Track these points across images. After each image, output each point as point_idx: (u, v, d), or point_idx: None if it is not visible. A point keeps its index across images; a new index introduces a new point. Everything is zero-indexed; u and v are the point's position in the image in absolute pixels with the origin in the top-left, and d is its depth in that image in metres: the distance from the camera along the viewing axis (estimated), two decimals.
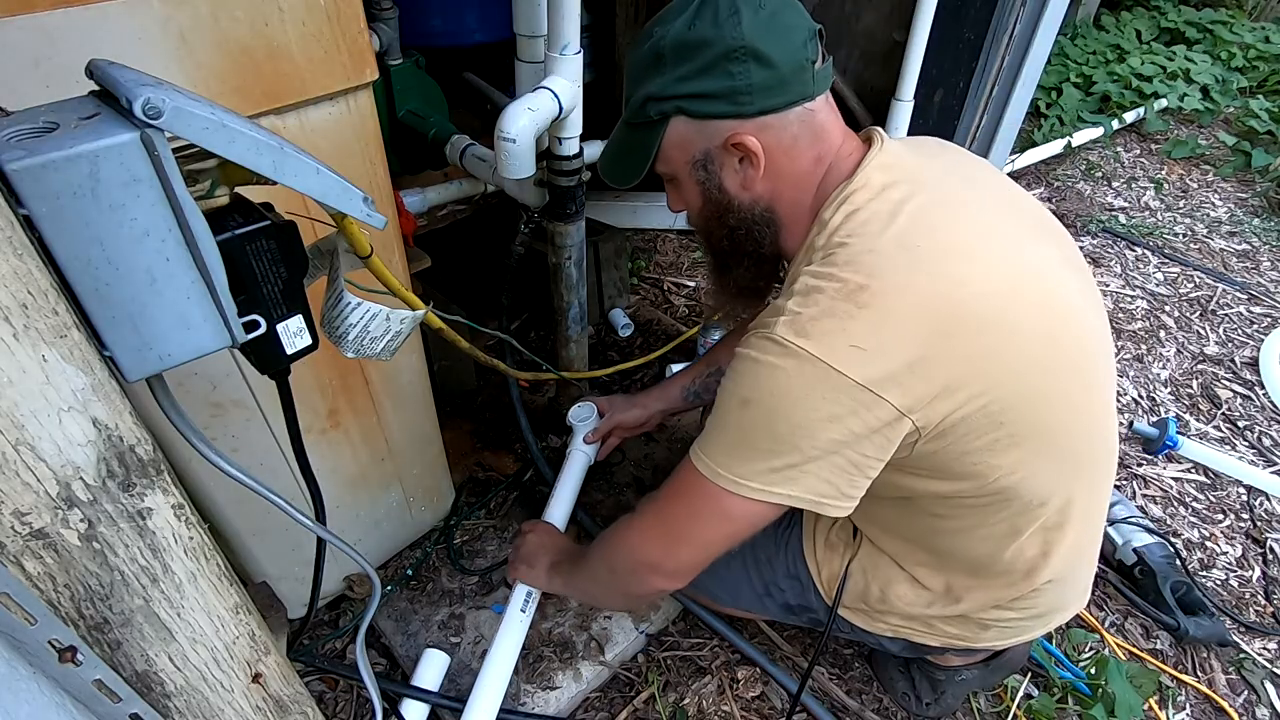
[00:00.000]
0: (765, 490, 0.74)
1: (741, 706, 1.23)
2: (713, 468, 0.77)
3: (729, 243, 0.87)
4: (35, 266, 0.41)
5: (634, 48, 0.81)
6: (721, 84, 0.74)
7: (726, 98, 0.75)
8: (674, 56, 0.76)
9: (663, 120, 0.79)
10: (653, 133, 0.81)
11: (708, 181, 0.83)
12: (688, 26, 0.74)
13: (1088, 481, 0.86)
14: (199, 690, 0.62)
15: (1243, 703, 1.29)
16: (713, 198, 0.84)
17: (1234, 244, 2.51)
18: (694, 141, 0.80)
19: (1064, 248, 0.84)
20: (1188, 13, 3.86)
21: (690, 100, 0.77)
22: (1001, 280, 0.72)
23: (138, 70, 0.47)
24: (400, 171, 1.37)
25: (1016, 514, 0.83)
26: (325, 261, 0.69)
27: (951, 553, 0.91)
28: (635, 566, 0.90)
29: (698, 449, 0.80)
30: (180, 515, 0.54)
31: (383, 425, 1.15)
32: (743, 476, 0.75)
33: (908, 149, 0.83)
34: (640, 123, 0.82)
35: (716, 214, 0.85)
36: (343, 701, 1.22)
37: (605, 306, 1.96)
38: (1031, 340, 0.73)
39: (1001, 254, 0.75)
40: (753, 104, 0.75)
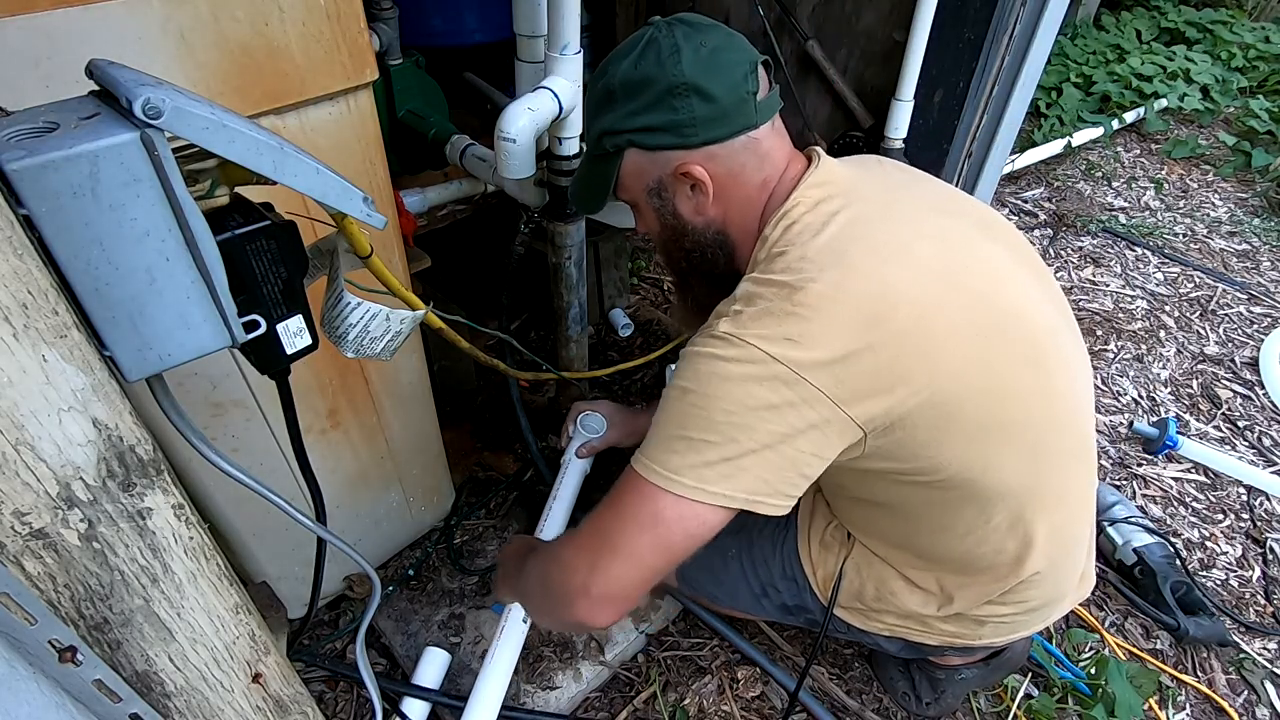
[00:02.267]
0: (700, 488, 0.72)
1: (741, 706, 1.23)
2: (647, 464, 0.75)
3: (686, 264, 0.92)
4: (35, 266, 0.41)
5: (590, 85, 0.87)
6: (666, 118, 0.79)
7: (672, 130, 0.80)
8: (623, 93, 0.81)
9: (618, 152, 0.85)
10: (610, 164, 0.87)
11: (662, 208, 0.88)
12: (634, 66, 0.80)
13: (1059, 468, 0.86)
14: (199, 690, 0.62)
15: (1243, 703, 1.29)
16: (668, 223, 0.89)
17: (1234, 244, 2.51)
18: (647, 171, 0.85)
19: (1012, 246, 0.87)
20: (1188, 13, 3.86)
21: (639, 134, 0.82)
22: (933, 281, 0.75)
23: (138, 70, 0.47)
24: (400, 171, 1.37)
25: (985, 507, 0.84)
26: (325, 261, 0.69)
27: (934, 551, 0.92)
28: (567, 591, 0.80)
29: (640, 452, 0.78)
30: (180, 515, 0.54)
31: (383, 425, 1.15)
32: (676, 471, 0.72)
33: (845, 166, 0.87)
34: (598, 155, 0.87)
35: (673, 237, 0.90)
36: (343, 701, 1.22)
37: (605, 306, 1.96)
38: (970, 338, 0.75)
39: (933, 255, 0.77)
40: (697, 135, 0.80)
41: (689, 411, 0.74)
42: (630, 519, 0.76)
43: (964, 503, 0.83)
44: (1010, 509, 0.84)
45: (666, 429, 0.76)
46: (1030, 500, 0.84)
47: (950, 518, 0.86)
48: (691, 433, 0.73)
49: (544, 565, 0.87)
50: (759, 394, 0.71)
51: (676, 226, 0.89)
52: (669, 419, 0.76)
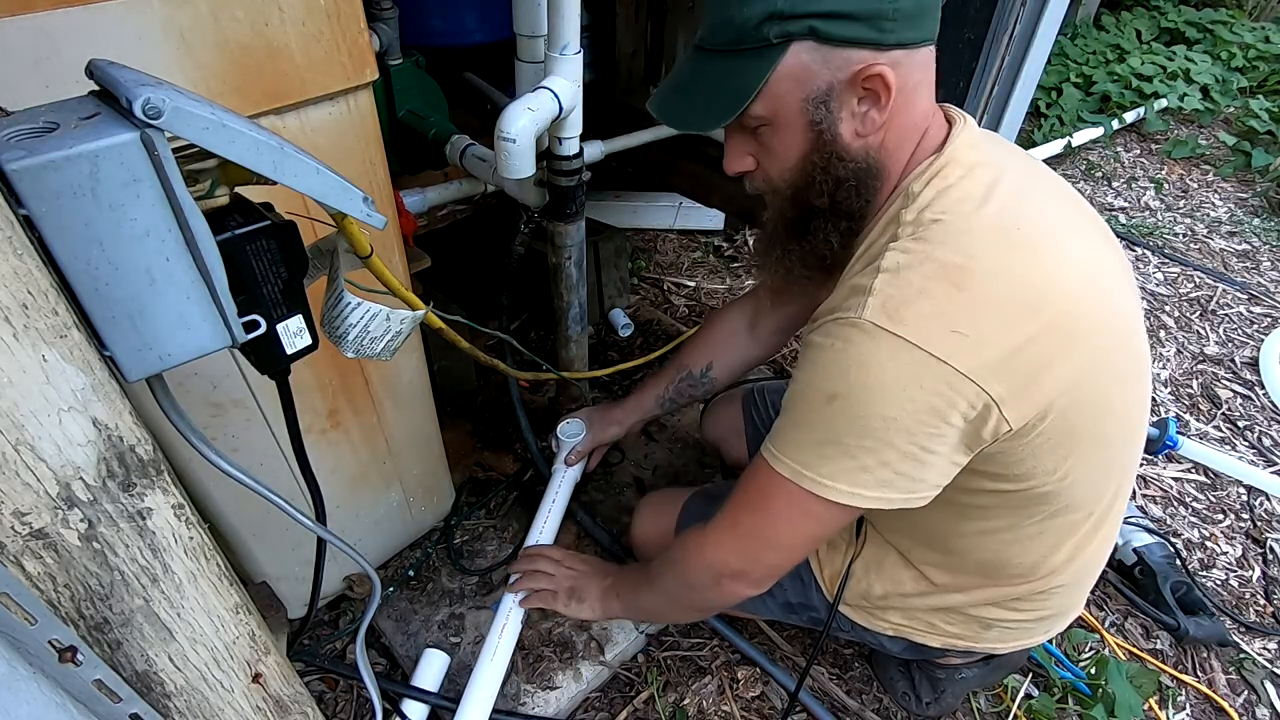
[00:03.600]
0: (855, 493, 0.70)
1: (741, 706, 1.23)
2: (796, 469, 0.71)
3: (829, 200, 0.75)
4: (35, 266, 0.41)
5: None
6: (867, 4, 0.64)
7: (869, 21, 0.65)
8: None
9: (783, 44, 0.67)
10: (764, 60, 0.68)
11: (825, 121, 0.70)
12: None
13: (1115, 486, 0.85)
14: (199, 690, 0.62)
15: (1243, 703, 1.29)
16: (825, 142, 0.72)
17: (1234, 244, 2.51)
18: (816, 73, 0.68)
19: (1121, 256, 0.81)
20: (1188, 13, 3.86)
21: (827, 20, 0.65)
22: (1085, 280, 0.69)
23: (138, 70, 0.47)
24: (400, 171, 1.37)
25: (1052, 518, 0.81)
26: (325, 261, 0.69)
27: (967, 552, 0.89)
28: (717, 578, 0.85)
29: (775, 451, 0.74)
30: (180, 515, 0.54)
31: (383, 425, 1.15)
32: (830, 477, 0.70)
33: (984, 134, 0.78)
34: (749, 48, 0.68)
35: (824, 163, 0.73)
36: (343, 701, 1.22)
37: (605, 306, 1.96)
38: (1107, 346, 0.71)
39: (1081, 255, 0.71)
40: (893, 33, 0.65)
41: (839, 418, 0.68)
42: (782, 519, 0.76)
43: (1035, 509, 0.79)
44: (1073, 522, 0.82)
45: (813, 432, 0.70)
46: (1094, 516, 0.83)
47: (1011, 520, 0.82)
48: (846, 439, 0.68)
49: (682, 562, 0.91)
50: (921, 398, 0.64)
51: (834, 149, 0.72)
52: (815, 422, 0.70)
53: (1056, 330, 0.66)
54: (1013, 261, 0.65)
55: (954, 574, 0.94)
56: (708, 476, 1.55)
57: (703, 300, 2.13)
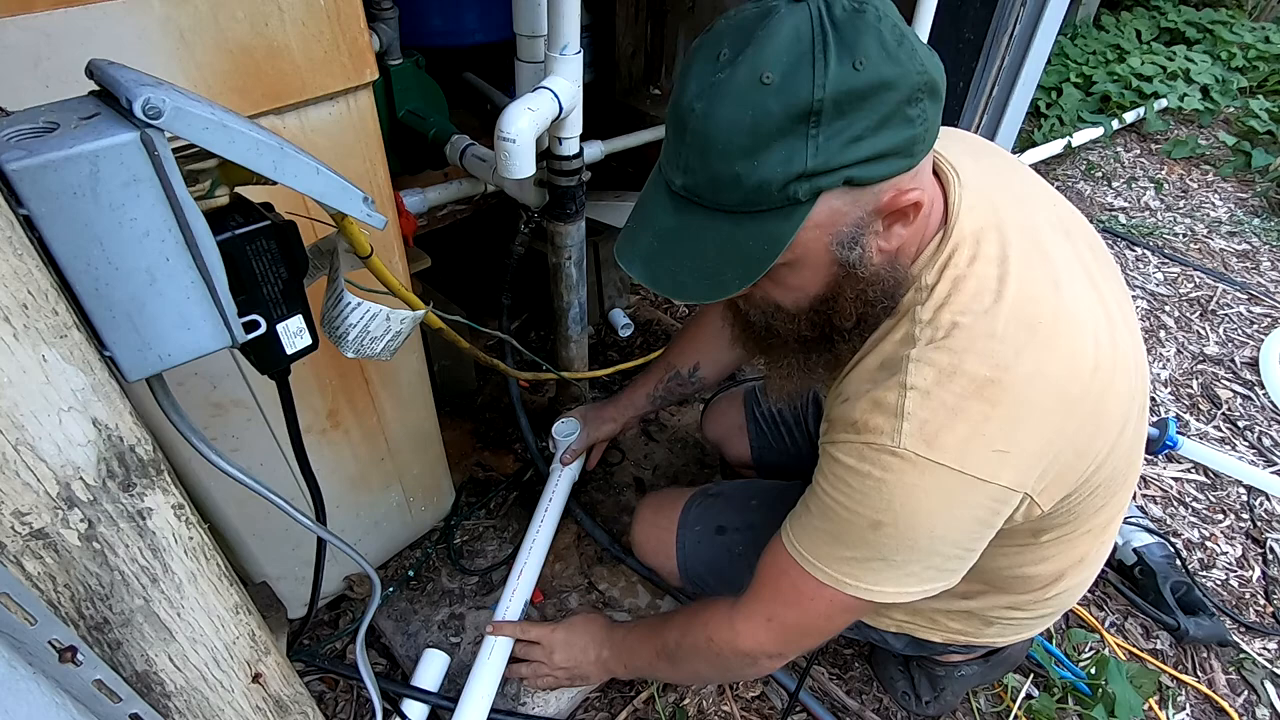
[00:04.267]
0: (901, 591, 0.72)
1: (741, 706, 1.23)
2: (841, 580, 0.72)
3: (856, 318, 0.70)
4: (35, 266, 0.41)
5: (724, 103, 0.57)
6: (903, 135, 0.58)
7: (904, 152, 0.59)
8: (837, 110, 0.55)
9: (811, 200, 0.59)
10: (791, 220, 0.60)
11: (854, 258, 0.64)
12: (851, 66, 0.54)
13: (1117, 500, 0.86)
14: (199, 690, 0.62)
15: (1243, 703, 1.29)
16: (853, 276, 0.66)
17: (1234, 244, 2.51)
18: (845, 215, 0.61)
19: (1115, 274, 0.79)
20: (1188, 13, 3.86)
21: (864, 166, 0.58)
22: (1105, 343, 0.68)
23: (138, 70, 0.47)
24: (400, 171, 1.37)
25: (1066, 536, 0.82)
26: (325, 261, 0.69)
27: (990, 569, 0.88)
28: (754, 658, 0.85)
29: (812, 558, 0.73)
30: (180, 515, 0.54)
31: (383, 425, 1.15)
32: (878, 584, 0.71)
33: (970, 165, 0.72)
34: (769, 209, 0.59)
35: (853, 293, 0.68)
36: (343, 701, 1.22)
37: (605, 306, 1.96)
38: (1123, 403, 0.71)
39: (1092, 308, 0.69)
40: (923, 150, 0.61)
41: (886, 542, 0.68)
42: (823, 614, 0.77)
43: (1043, 530, 0.80)
44: (1083, 542, 0.84)
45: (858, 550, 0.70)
46: (1100, 532, 0.85)
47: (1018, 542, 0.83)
48: (893, 556, 0.69)
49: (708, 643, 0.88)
50: (966, 514, 0.66)
51: (864, 277, 0.66)
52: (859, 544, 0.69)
53: (1087, 418, 0.67)
54: (1040, 362, 0.63)
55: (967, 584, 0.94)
56: (708, 476, 1.55)
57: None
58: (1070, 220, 0.78)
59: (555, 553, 1.38)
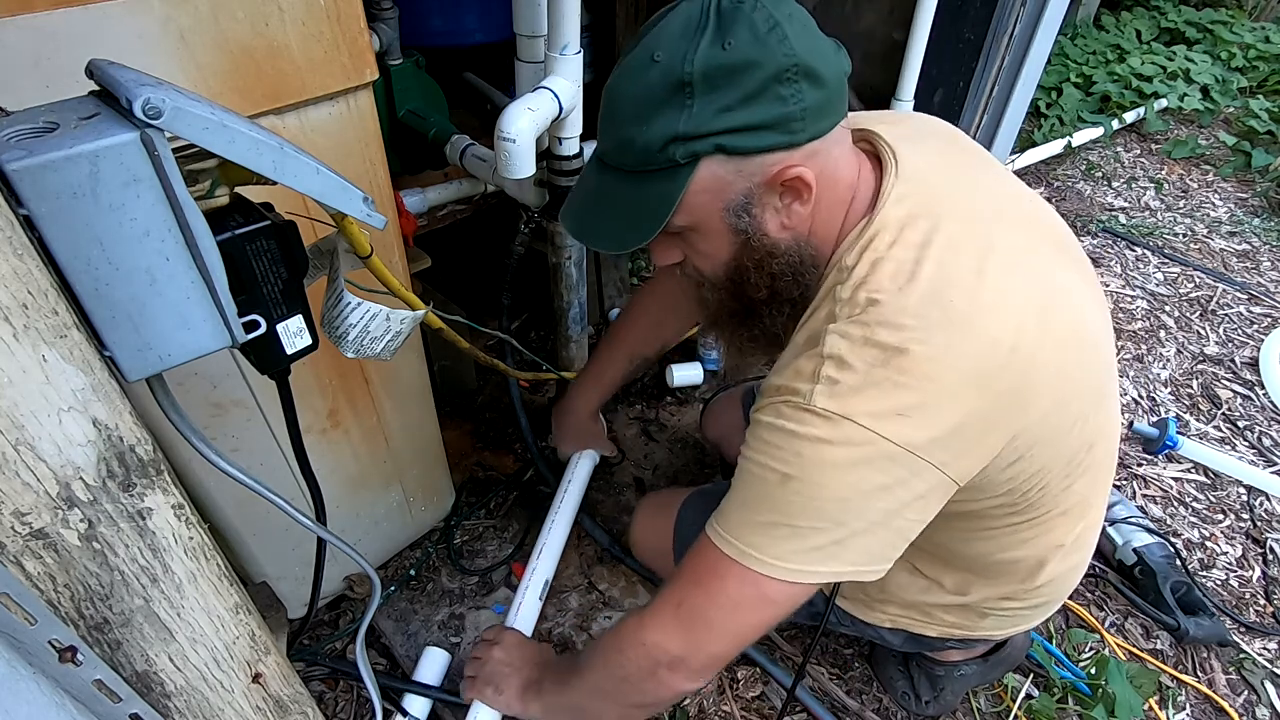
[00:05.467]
0: (806, 570, 0.70)
1: (741, 706, 1.23)
2: (744, 550, 0.71)
3: (768, 291, 0.77)
4: (35, 266, 0.41)
5: (623, 80, 0.69)
6: (774, 112, 0.65)
7: (778, 127, 0.66)
8: (705, 83, 0.64)
9: (691, 164, 0.67)
10: (674, 180, 0.68)
11: (749, 227, 0.72)
12: (720, 45, 0.63)
13: (1093, 482, 0.87)
14: (199, 690, 0.62)
15: (1243, 703, 1.29)
16: (754, 245, 0.74)
17: (1234, 244, 2.51)
18: (731, 184, 0.69)
19: (1077, 261, 0.81)
20: (1188, 13, 3.86)
21: (734, 135, 0.65)
22: (1031, 327, 0.69)
23: (138, 70, 0.47)
24: (400, 171, 1.37)
25: (1038, 523, 0.83)
26: (325, 261, 0.69)
27: (966, 556, 0.91)
28: (653, 667, 0.79)
29: (721, 529, 0.74)
30: (180, 515, 0.54)
31: (383, 425, 1.15)
32: (780, 558, 0.70)
33: (917, 158, 0.76)
34: (654, 170, 0.69)
35: (756, 263, 0.75)
36: (343, 701, 1.22)
37: (605, 306, 1.96)
38: (1059, 381, 0.71)
39: (1027, 293, 0.70)
40: (804, 130, 0.66)
41: (793, 500, 0.69)
42: (729, 602, 0.74)
43: (1022, 520, 0.82)
44: (1059, 524, 0.84)
45: (764, 514, 0.71)
46: (1067, 513, 0.85)
47: (1002, 533, 0.84)
48: (797, 520, 0.69)
49: (616, 652, 0.84)
50: (871, 477, 0.66)
51: (764, 248, 0.74)
52: (766, 504, 0.70)
53: (1001, 392, 0.67)
54: (949, 339, 0.65)
55: (955, 575, 0.95)
56: (707, 476, 1.55)
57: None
58: (1032, 215, 0.80)
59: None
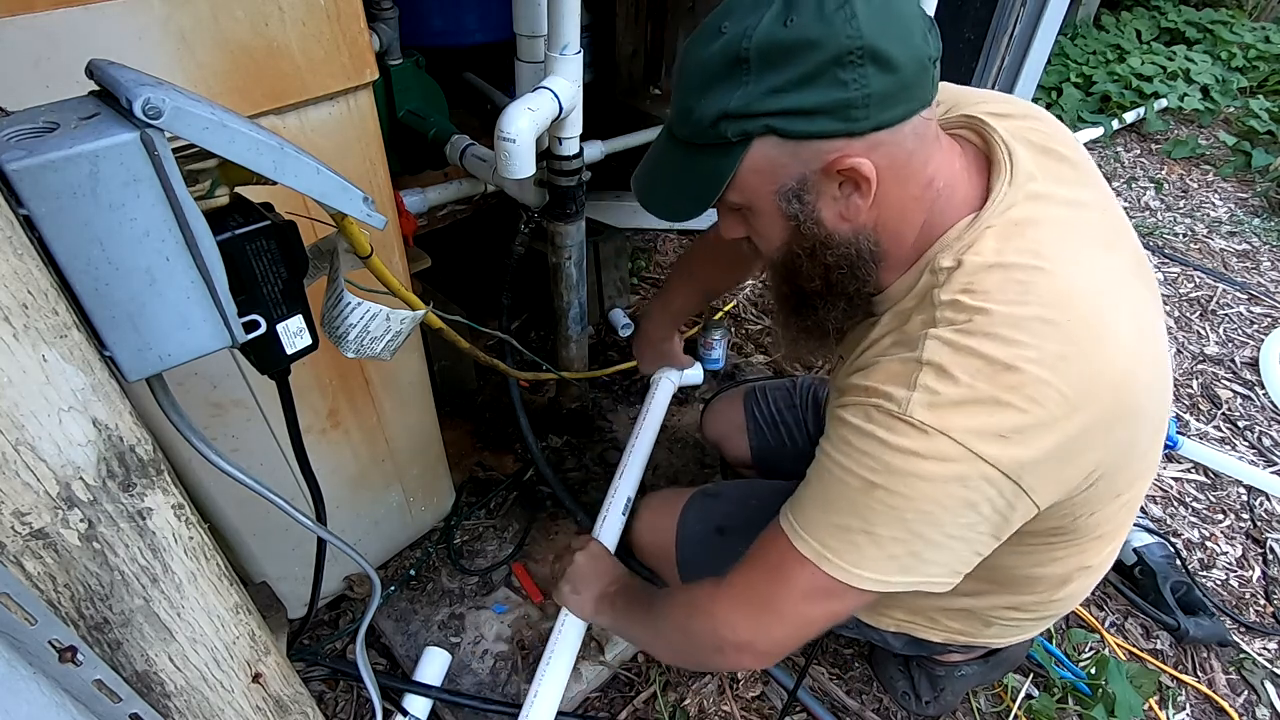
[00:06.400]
0: (879, 579, 0.69)
1: (741, 706, 1.23)
2: (822, 552, 0.70)
3: (822, 283, 0.73)
4: (35, 266, 0.41)
5: (693, 47, 0.66)
6: (831, 96, 0.60)
7: (835, 113, 0.61)
8: (762, 61, 0.61)
9: (743, 142, 0.64)
10: (727, 157, 0.66)
11: (801, 214, 0.68)
12: (782, 22, 0.59)
13: (1136, 511, 0.86)
14: (199, 690, 0.62)
15: (1243, 703, 1.29)
16: (807, 233, 0.70)
17: (1234, 244, 2.51)
18: (785, 167, 0.65)
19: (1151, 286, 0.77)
20: (1188, 13, 3.86)
21: (786, 118, 0.62)
22: (1126, 358, 0.66)
23: (138, 70, 0.47)
24: (400, 171, 1.37)
25: (1074, 545, 0.82)
26: (325, 261, 0.69)
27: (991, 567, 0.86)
28: (721, 644, 0.81)
29: (799, 526, 0.72)
30: (180, 515, 0.54)
31: (383, 425, 1.15)
32: (856, 564, 0.68)
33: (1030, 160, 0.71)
34: (708, 144, 0.66)
35: (809, 251, 0.71)
36: (343, 701, 1.22)
37: (605, 306, 1.96)
38: (1145, 416, 0.70)
39: (1126, 323, 0.67)
40: (868, 119, 0.61)
41: (876, 508, 0.66)
42: (800, 596, 0.74)
43: (1057, 535, 0.80)
44: (1082, 544, 0.83)
45: (845, 517, 0.69)
46: (1102, 537, 0.84)
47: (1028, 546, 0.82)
48: (878, 529, 0.67)
49: (687, 616, 0.86)
50: (959, 494, 0.64)
51: (817, 237, 0.70)
52: (848, 507, 0.68)
53: (1098, 422, 0.65)
54: (1062, 361, 0.62)
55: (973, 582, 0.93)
56: (708, 476, 1.55)
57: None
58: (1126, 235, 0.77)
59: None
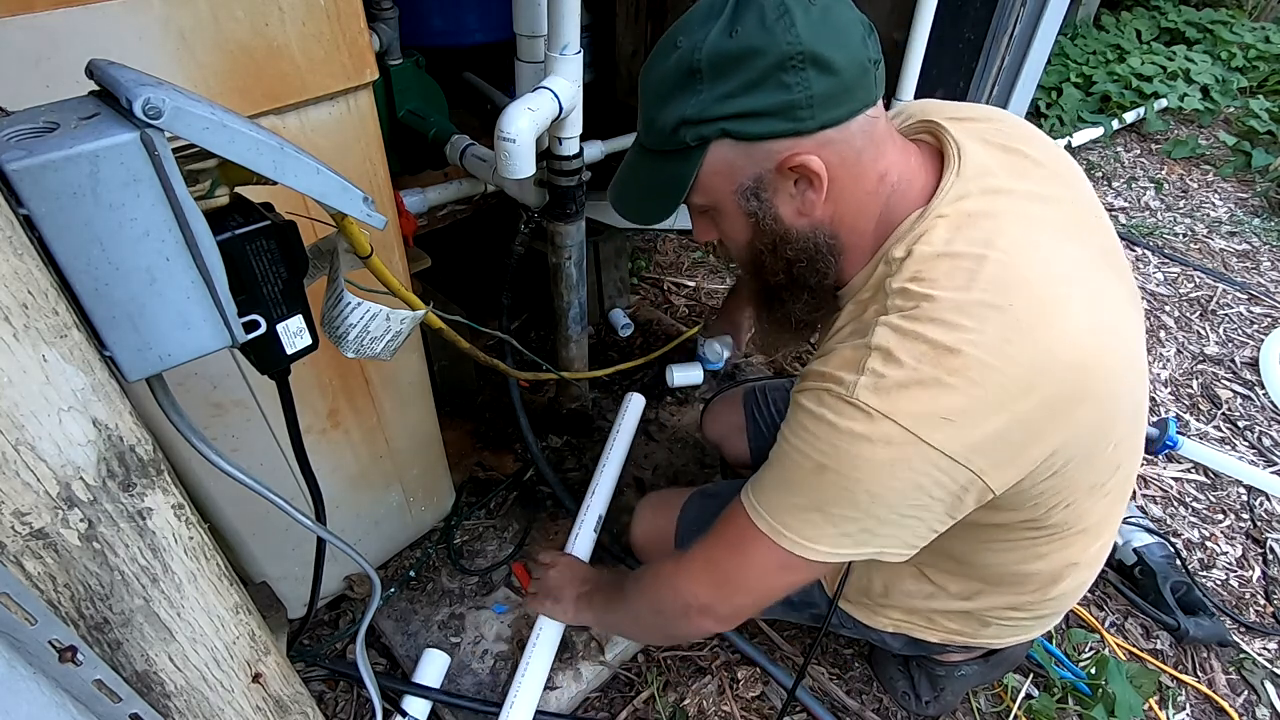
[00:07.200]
0: (834, 552, 0.73)
1: (741, 706, 1.23)
2: (777, 528, 0.74)
3: (785, 276, 0.78)
4: (35, 266, 0.41)
5: (652, 63, 0.72)
6: (777, 99, 0.65)
7: (782, 114, 0.66)
8: (712, 70, 0.66)
9: (701, 146, 0.70)
10: (688, 162, 0.71)
11: (760, 211, 0.73)
12: (728, 33, 0.65)
13: (1122, 505, 0.87)
14: (199, 690, 0.62)
15: (1243, 703, 1.29)
16: (766, 228, 0.74)
17: (1234, 244, 2.51)
18: (741, 167, 0.71)
19: (1124, 277, 0.78)
20: (1188, 13, 3.86)
21: (737, 120, 0.67)
22: (1088, 345, 0.67)
23: (138, 70, 0.47)
24: (400, 171, 1.37)
25: (1057, 539, 0.82)
26: (325, 261, 0.68)
27: (980, 565, 0.90)
28: (685, 610, 0.86)
29: (758, 504, 0.76)
30: (180, 515, 0.54)
31: (383, 425, 1.15)
32: (811, 540, 0.72)
33: (984, 156, 0.74)
34: (670, 150, 0.72)
35: (770, 246, 0.76)
36: (343, 701, 1.22)
37: (605, 306, 1.96)
38: (1107, 402, 0.71)
39: (1086, 309, 0.69)
40: (813, 118, 0.66)
41: (827, 489, 0.70)
42: (757, 568, 0.78)
43: (1046, 534, 0.81)
44: (1079, 540, 0.84)
45: (797, 496, 0.72)
46: (1087, 531, 0.85)
47: (1025, 546, 0.84)
48: (831, 508, 0.70)
49: (655, 589, 0.93)
50: (907, 476, 0.66)
51: (776, 232, 0.74)
52: (802, 488, 0.72)
53: (1048, 404, 0.66)
54: (1005, 344, 0.64)
55: (965, 582, 0.94)
56: (707, 476, 1.55)
57: (703, 300, 2.13)
58: (1095, 226, 0.78)
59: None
